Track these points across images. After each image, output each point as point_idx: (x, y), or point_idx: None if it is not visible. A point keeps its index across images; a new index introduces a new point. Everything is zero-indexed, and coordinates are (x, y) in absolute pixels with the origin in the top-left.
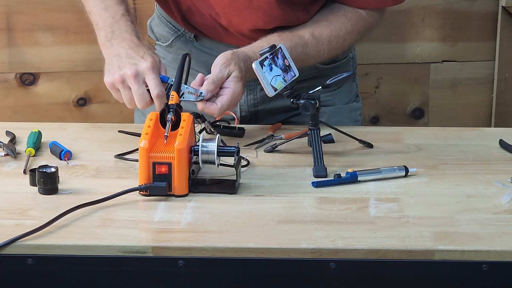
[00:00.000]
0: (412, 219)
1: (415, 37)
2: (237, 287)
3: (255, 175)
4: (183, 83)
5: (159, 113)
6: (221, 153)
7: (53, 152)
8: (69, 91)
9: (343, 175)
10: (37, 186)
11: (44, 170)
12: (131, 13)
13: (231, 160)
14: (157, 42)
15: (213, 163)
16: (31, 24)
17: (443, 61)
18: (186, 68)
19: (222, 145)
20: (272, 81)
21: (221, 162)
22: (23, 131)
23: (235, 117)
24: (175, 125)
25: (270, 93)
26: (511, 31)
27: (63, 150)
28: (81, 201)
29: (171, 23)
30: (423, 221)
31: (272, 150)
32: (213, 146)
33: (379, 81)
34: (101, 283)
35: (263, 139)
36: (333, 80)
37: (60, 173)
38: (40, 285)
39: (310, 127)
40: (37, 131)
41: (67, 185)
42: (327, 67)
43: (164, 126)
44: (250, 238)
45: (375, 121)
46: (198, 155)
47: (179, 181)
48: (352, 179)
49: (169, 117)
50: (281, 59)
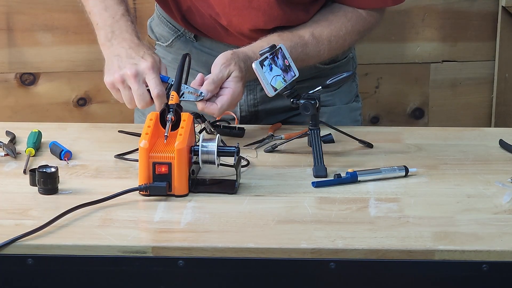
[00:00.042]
0: (412, 219)
1: (415, 37)
2: (237, 287)
3: (255, 175)
4: (183, 83)
5: (159, 113)
6: (221, 153)
7: (53, 152)
8: (69, 91)
9: (343, 175)
10: (37, 186)
11: (44, 170)
12: (131, 13)
13: (231, 160)
14: (157, 42)
15: (213, 163)
16: (31, 24)
17: (443, 61)
18: (186, 68)
19: (222, 145)
20: (272, 81)
21: (221, 162)
22: (23, 131)
23: (235, 117)
24: (175, 125)
25: (270, 93)
26: (511, 31)
27: (63, 150)
28: (81, 201)
29: (171, 23)
30: (423, 221)
31: (272, 150)
32: (213, 146)
33: (379, 81)
34: (101, 283)
35: (263, 139)
36: (333, 80)
37: (60, 173)
38: (40, 285)
39: (310, 127)
40: (37, 131)
41: (67, 185)
42: (327, 67)
43: (164, 126)
44: (250, 238)
45: (375, 121)
46: (198, 155)
47: (179, 181)
48: (352, 179)
49: (169, 117)
50: (281, 59)
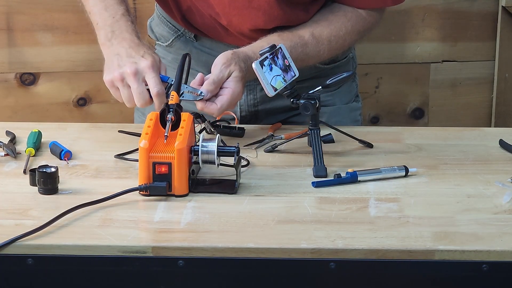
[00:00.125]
0: (412, 219)
1: (415, 37)
2: (237, 287)
3: (255, 175)
4: (183, 83)
5: (159, 113)
6: (221, 153)
7: (53, 152)
8: (69, 91)
9: (343, 175)
10: (37, 186)
11: (44, 170)
12: (131, 13)
13: (231, 160)
14: (157, 42)
15: (213, 163)
16: (31, 24)
17: (443, 61)
18: (186, 68)
19: (222, 145)
20: (272, 81)
21: (221, 162)
22: (23, 131)
23: (235, 117)
24: (175, 125)
25: (270, 93)
26: (511, 31)
27: (63, 150)
28: (81, 201)
29: (171, 23)
30: (423, 221)
31: (272, 150)
32: (213, 146)
33: (379, 81)
34: (101, 283)
35: (263, 139)
36: (333, 80)
37: (60, 173)
38: (40, 285)
39: (310, 127)
40: (37, 131)
41: (67, 185)
42: (327, 67)
43: (164, 126)
44: (250, 238)
45: (375, 121)
46: (198, 155)
47: (179, 181)
48: (352, 179)
49: (169, 117)
50: (281, 59)
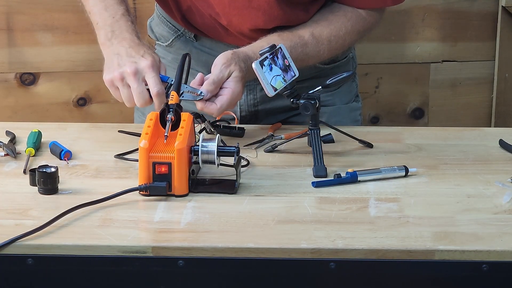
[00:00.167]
0: (412, 219)
1: (415, 37)
2: (237, 287)
3: (255, 175)
4: (183, 83)
5: (159, 113)
6: (221, 153)
7: (53, 152)
8: (69, 91)
9: (343, 175)
10: (37, 186)
11: (44, 170)
12: (131, 13)
13: (231, 160)
14: (157, 42)
15: (213, 163)
16: (31, 24)
17: (443, 61)
18: (186, 68)
19: (222, 145)
20: (272, 81)
21: (221, 162)
22: (23, 131)
23: (235, 117)
24: (175, 125)
25: (270, 93)
26: (511, 31)
27: (63, 150)
28: (81, 201)
29: (171, 23)
30: (423, 221)
31: (272, 150)
32: (213, 146)
33: (379, 81)
34: (101, 283)
35: (263, 139)
36: (333, 80)
37: (60, 173)
38: (40, 285)
39: (310, 127)
40: (37, 131)
41: (67, 185)
42: (327, 67)
43: (164, 126)
44: (250, 238)
45: (375, 121)
46: (198, 155)
47: (179, 181)
48: (352, 179)
49: (169, 117)
50: (281, 59)
